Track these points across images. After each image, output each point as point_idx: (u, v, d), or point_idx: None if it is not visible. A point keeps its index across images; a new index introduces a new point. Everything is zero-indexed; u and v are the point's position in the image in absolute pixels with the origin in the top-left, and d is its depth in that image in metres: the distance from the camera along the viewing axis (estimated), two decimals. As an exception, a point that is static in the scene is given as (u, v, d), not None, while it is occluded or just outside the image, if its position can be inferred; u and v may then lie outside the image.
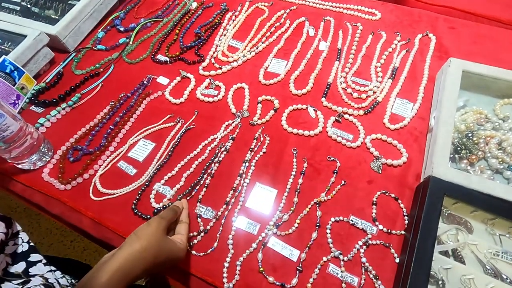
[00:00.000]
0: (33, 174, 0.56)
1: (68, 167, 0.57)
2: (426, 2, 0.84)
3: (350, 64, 0.70)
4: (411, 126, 0.60)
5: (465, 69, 0.58)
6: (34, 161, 0.56)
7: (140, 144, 0.60)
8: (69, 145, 0.59)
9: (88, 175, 0.56)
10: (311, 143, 0.58)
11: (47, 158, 0.57)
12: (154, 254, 0.37)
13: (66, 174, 0.56)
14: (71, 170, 0.56)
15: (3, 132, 0.48)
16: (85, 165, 0.56)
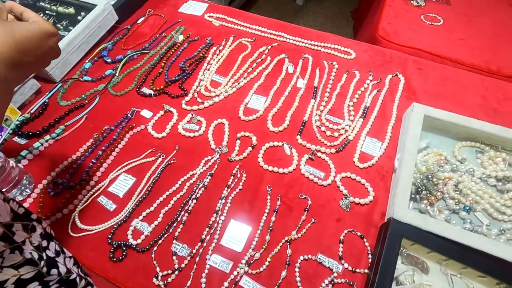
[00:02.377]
0: (13, 209, 0.57)
1: (48, 202, 0.58)
2: (397, 43, 0.91)
3: (325, 102, 0.74)
4: (378, 165, 0.64)
5: (427, 114, 0.63)
6: (14, 196, 0.57)
7: (121, 179, 0.62)
8: (50, 179, 0.61)
9: (68, 210, 0.57)
10: (285, 180, 0.62)
11: (27, 192, 0.59)
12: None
13: (46, 208, 0.57)
14: (51, 205, 0.58)
15: (-16, 171, 0.50)
16: (65, 200, 0.58)
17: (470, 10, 1.02)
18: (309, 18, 2.45)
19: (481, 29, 0.96)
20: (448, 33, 0.95)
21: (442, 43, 0.91)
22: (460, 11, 1.02)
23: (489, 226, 0.55)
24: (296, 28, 0.92)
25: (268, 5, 2.55)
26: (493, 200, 0.57)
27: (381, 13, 1.00)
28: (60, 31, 0.84)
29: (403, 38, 0.91)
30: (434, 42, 0.91)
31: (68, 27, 0.85)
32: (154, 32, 0.91)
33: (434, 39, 0.92)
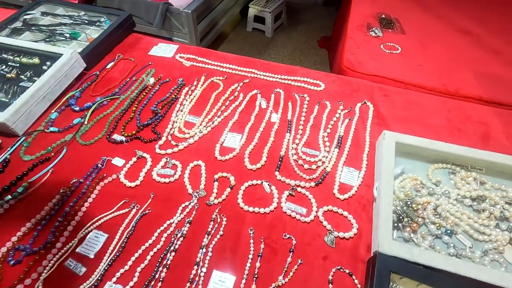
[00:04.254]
0: (-35, 286, 0.51)
1: (8, 273, 0.52)
2: (362, 72, 0.96)
3: (300, 135, 0.75)
4: (358, 195, 0.64)
5: (398, 141, 0.65)
6: (-33, 270, 0.51)
7: (91, 237, 0.57)
8: (11, 246, 0.55)
9: (31, 280, 0.51)
10: (267, 221, 0.60)
11: (-17, 264, 0.53)
12: None
13: (5, 281, 0.51)
14: (11, 276, 0.52)
15: None
16: (27, 268, 0.52)
17: (424, 38, 1.11)
18: (278, 48, 2.56)
19: (436, 55, 1.04)
20: (406, 60, 1.01)
21: (402, 69, 0.97)
22: (415, 39, 1.10)
23: (472, 248, 0.56)
24: (265, 64, 0.95)
25: (238, 39, 2.65)
26: (471, 221, 0.58)
27: (344, 44, 1.06)
28: (24, 82, 0.82)
29: (366, 67, 0.97)
30: (395, 69, 0.97)
31: (33, 78, 0.82)
32: (124, 76, 0.90)
33: (395, 66, 0.98)
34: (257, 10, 2.51)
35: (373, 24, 1.15)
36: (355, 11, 1.22)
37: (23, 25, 1.02)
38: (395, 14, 1.23)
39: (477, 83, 0.94)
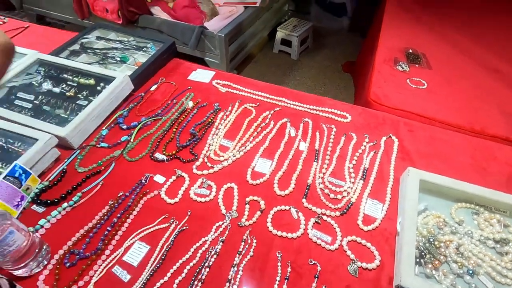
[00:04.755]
0: (29, 282, 0.58)
1: (64, 273, 0.59)
2: (387, 106, 1.00)
3: (327, 165, 0.80)
4: (382, 227, 0.67)
5: (422, 179, 0.68)
6: (33, 267, 0.58)
7: (135, 247, 0.64)
8: (67, 249, 0.63)
9: (83, 282, 0.58)
10: (294, 246, 0.64)
11: (44, 263, 0.60)
12: None
13: (62, 281, 0.58)
14: (66, 277, 0.59)
15: (9, 247, 0.52)
16: (80, 271, 0.59)
17: (450, 74, 1.14)
18: (303, 71, 2.64)
19: (462, 91, 1.06)
20: (432, 95, 1.04)
21: (428, 105, 1.00)
22: (442, 75, 1.14)
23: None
24: (295, 93, 1.02)
25: (265, 59, 2.76)
26: (494, 263, 0.60)
27: (371, 78, 1.11)
28: (81, 100, 0.92)
29: (392, 101, 1.01)
30: (421, 105, 1.00)
31: (88, 97, 0.93)
32: (166, 98, 0.99)
33: (420, 101, 1.02)
34: (284, 33, 2.62)
35: (400, 59, 1.20)
36: (382, 44, 1.27)
37: (80, 48, 1.15)
38: (422, 49, 1.27)
39: (504, 122, 0.96)
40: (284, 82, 2.53)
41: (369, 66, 1.26)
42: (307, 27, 2.66)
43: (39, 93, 0.94)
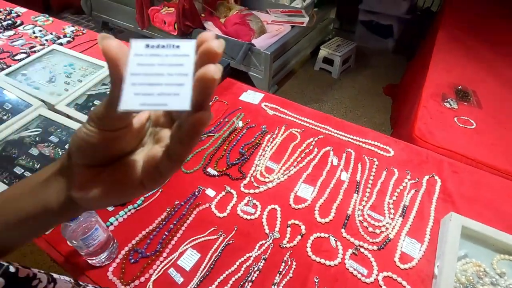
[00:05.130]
0: (101, 271, 0.68)
1: (129, 268, 0.69)
2: (432, 144, 1.01)
3: (367, 198, 0.83)
4: (418, 268, 0.69)
5: (465, 225, 0.69)
6: (103, 259, 0.69)
7: (188, 253, 0.72)
8: (131, 246, 0.73)
9: (144, 278, 0.67)
10: (331, 273, 0.69)
11: (112, 257, 0.70)
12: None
13: (127, 275, 0.68)
14: (131, 272, 0.68)
15: (94, 241, 0.62)
16: (142, 268, 0.69)
17: (501, 115, 1.12)
18: (343, 90, 2.66)
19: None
20: (480, 136, 1.03)
21: (475, 146, 0.99)
22: (492, 115, 1.12)
23: None
24: (339, 122, 1.06)
25: (305, 76, 2.81)
26: (534, 321, 0.60)
27: (417, 113, 1.12)
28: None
29: (437, 139, 1.01)
30: (467, 145, 1.00)
31: (153, 110, 1.05)
32: (219, 117, 1.09)
33: (467, 142, 1.01)
34: (327, 52, 2.66)
35: (448, 95, 1.19)
36: (430, 79, 1.28)
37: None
38: (473, 85, 1.26)
39: (558, 173, 0.93)
40: (323, 100, 2.56)
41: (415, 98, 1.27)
42: (350, 47, 2.68)
43: (112, 102, 1.08)
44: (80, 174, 0.25)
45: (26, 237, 0.32)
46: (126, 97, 0.20)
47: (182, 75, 0.20)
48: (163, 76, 0.20)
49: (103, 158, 0.25)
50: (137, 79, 0.20)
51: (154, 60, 0.21)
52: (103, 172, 0.25)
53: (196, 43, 0.21)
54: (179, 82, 0.20)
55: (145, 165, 0.25)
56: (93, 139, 0.23)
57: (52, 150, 0.89)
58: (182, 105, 0.20)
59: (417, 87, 1.35)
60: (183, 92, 0.20)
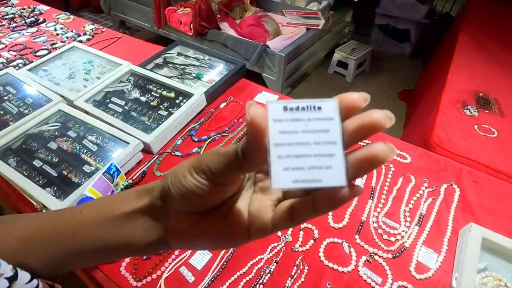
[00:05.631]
0: (114, 266, 0.69)
1: (141, 264, 0.69)
2: (451, 151, 0.98)
3: (382, 205, 0.81)
4: (435, 279, 0.67)
5: (485, 237, 0.67)
6: (116, 254, 0.69)
7: (200, 253, 0.72)
8: (144, 243, 0.73)
9: (156, 275, 0.68)
10: (344, 280, 0.67)
11: (125, 253, 0.71)
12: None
13: (139, 270, 0.68)
14: (143, 268, 0.69)
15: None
16: (154, 265, 0.69)
17: (525, 124, 1.08)
18: (356, 94, 2.62)
19: (537, 145, 1.00)
20: (503, 146, 1.00)
21: (496, 156, 0.96)
22: (515, 124, 1.08)
23: None
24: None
25: (319, 79, 2.79)
26: None
27: (435, 119, 1.09)
28: (161, 111, 1.05)
29: (456, 147, 0.98)
30: (488, 154, 0.96)
31: (168, 109, 1.06)
32: (233, 117, 1.09)
33: (488, 151, 0.98)
34: (342, 56, 2.63)
35: (469, 102, 1.16)
36: (450, 85, 1.24)
37: (163, 62, 1.30)
38: (495, 93, 1.22)
39: None
40: (336, 104, 2.53)
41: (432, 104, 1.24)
42: (365, 51, 2.64)
43: (128, 99, 1.10)
44: (179, 221, 0.24)
45: (100, 262, 0.31)
46: (276, 174, 0.18)
47: (331, 143, 0.18)
48: (310, 146, 0.18)
49: (207, 207, 0.24)
50: (282, 151, 0.18)
51: (297, 126, 0.19)
52: (203, 219, 0.24)
53: (338, 102, 0.19)
54: (329, 152, 0.18)
55: (253, 219, 0.23)
56: (203, 192, 0.22)
57: (70, 145, 0.91)
58: (338, 181, 0.18)
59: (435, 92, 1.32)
60: (335, 165, 0.18)
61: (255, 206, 0.24)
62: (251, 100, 0.20)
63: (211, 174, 0.21)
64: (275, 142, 0.18)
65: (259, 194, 0.24)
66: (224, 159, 0.20)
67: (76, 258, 0.29)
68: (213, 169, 0.21)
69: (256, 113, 0.18)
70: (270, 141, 0.18)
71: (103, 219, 0.27)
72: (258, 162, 0.19)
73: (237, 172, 0.21)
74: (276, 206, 0.23)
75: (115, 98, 1.10)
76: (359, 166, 0.18)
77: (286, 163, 0.18)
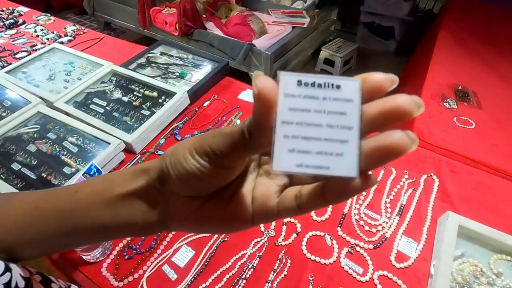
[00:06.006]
0: (95, 267, 0.68)
1: (123, 264, 0.69)
2: (430, 143, 1.00)
3: (364, 197, 0.83)
4: (414, 267, 0.69)
5: (462, 224, 0.69)
6: (97, 255, 0.69)
7: (183, 250, 0.72)
8: (126, 243, 0.72)
9: (138, 274, 0.67)
10: (326, 272, 0.68)
11: (107, 252, 0.70)
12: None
13: (121, 270, 0.67)
14: (124, 268, 0.68)
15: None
16: (136, 264, 0.68)
17: (501, 115, 1.11)
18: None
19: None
20: (480, 137, 1.02)
21: (475, 147, 0.98)
22: (492, 116, 1.11)
23: None
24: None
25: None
26: (532, 322, 0.59)
27: (416, 112, 1.11)
28: (144, 110, 1.04)
29: (436, 139, 1.01)
30: (467, 145, 0.99)
31: (151, 108, 1.05)
32: (217, 115, 1.09)
33: (466, 142, 1.00)
34: (328, 53, 2.66)
35: (448, 95, 1.19)
36: (430, 79, 1.27)
37: (146, 62, 1.29)
38: (473, 86, 1.25)
39: (558, 174, 0.91)
40: (323, 101, 2.56)
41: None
42: (351, 49, 2.67)
43: (110, 100, 1.08)
44: (179, 205, 0.23)
45: (100, 241, 0.30)
46: (279, 155, 0.16)
47: (346, 128, 0.16)
48: (322, 128, 0.17)
49: (209, 191, 0.23)
50: (290, 130, 0.17)
51: (310, 104, 0.17)
52: (205, 204, 0.23)
53: (360, 82, 0.17)
54: (343, 138, 0.16)
55: (258, 205, 0.22)
56: (205, 175, 0.20)
57: (50, 147, 0.90)
58: (347, 171, 0.16)
59: (416, 87, 1.34)
60: (347, 152, 0.16)
61: (260, 191, 0.22)
62: (259, 71, 0.17)
63: (215, 156, 0.19)
64: (283, 119, 0.16)
65: (264, 178, 0.23)
66: (228, 139, 0.19)
67: (75, 237, 0.29)
68: (217, 151, 0.19)
69: (265, 85, 0.16)
70: (277, 117, 0.16)
71: (99, 200, 0.26)
72: (266, 142, 0.17)
73: (243, 154, 0.19)
74: (282, 191, 0.21)
75: (97, 99, 1.08)
76: (373, 156, 0.16)
77: (292, 144, 0.17)
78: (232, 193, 0.23)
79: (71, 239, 0.29)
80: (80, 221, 0.27)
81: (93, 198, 0.27)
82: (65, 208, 0.28)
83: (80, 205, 0.27)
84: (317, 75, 0.17)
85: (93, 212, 0.27)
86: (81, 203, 0.27)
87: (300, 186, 0.21)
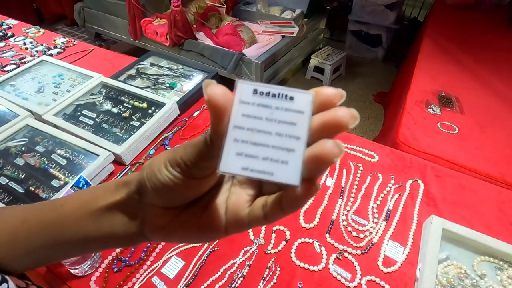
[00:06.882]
0: (83, 281, 0.68)
1: (112, 277, 0.68)
2: (416, 149, 1.03)
3: (351, 203, 0.84)
4: (401, 271, 0.70)
5: (445, 228, 0.70)
6: (85, 268, 0.68)
7: (172, 261, 0.72)
8: (115, 255, 0.72)
9: (127, 287, 0.67)
10: (315, 278, 0.69)
11: (96, 266, 0.70)
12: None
13: (109, 284, 0.67)
14: (113, 281, 0.68)
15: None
16: (125, 277, 0.68)
17: (483, 120, 1.15)
18: (334, 98, 2.69)
19: (495, 139, 1.06)
20: (463, 142, 1.06)
21: (458, 151, 1.01)
22: (474, 121, 1.14)
23: None
24: (325, 128, 1.08)
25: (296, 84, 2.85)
26: (515, 322, 0.60)
27: (401, 119, 1.14)
28: (134, 121, 1.05)
29: (421, 144, 1.03)
30: (450, 150, 1.02)
31: (141, 119, 1.05)
32: (207, 125, 1.10)
33: (450, 147, 1.03)
34: (318, 61, 2.71)
35: (432, 101, 1.22)
36: (415, 86, 1.31)
37: (136, 73, 1.30)
38: (456, 92, 1.29)
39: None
40: (314, 108, 2.59)
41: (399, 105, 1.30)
42: (340, 57, 2.73)
43: (100, 112, 1.09)
44: (156, 216, 0.24)
45: (84, 253, 0.31)
46: (227, 157, 0.17)
47: (294, 138, 0.17)
48: (271, 136, 0.17)
49: (183, 201, 0.23)
50: (240, 135, 0.17)
51: (262, 112, 0.17)
52: (180, 214, 0.24)
53: (313, 96, 0.18)
54: (289, 147, 0.17)
55: (231, 214, 0.23)
56: (178, 186, 0.21)
57: (38, 160, 0.89)
58: (290, 178, 0.17)
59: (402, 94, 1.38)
60: (292, 161, 0.17)
61: (233, 201, 0.23)
62: (210, 79, 0.18)
63: (186, 166, 0.20)
64: (235, 124, 0.17)
65: (237, 187, 0.23)
66: (196, 149, 0.20)
67: (60, 250, 0.29)
68: (187, 161, 0.20)
69: (213, 92, 0.17)
70: (230, 122, 0.17)
71: (83, 213, 0.27)
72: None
73: (210, 162, 0.20)
74: (253, 201, 0.22)
75: (86, 111, 1.09)
76: (308, 165, 0.17)
77: (241, 148, 0.17)
78: (206, 203, 0.24)
79: (56, 251, 0.30)
80: (66, 234, 0.28)
81: (78, 211, 0.28)
82: (52, 222, 0.29)
83: (65, 218, 0.28)
84: (274, 85, 0.18)
85: (78, 225, 0.27)
86: (66, 216, 0.28)
87: (267, 196, 0.22)
